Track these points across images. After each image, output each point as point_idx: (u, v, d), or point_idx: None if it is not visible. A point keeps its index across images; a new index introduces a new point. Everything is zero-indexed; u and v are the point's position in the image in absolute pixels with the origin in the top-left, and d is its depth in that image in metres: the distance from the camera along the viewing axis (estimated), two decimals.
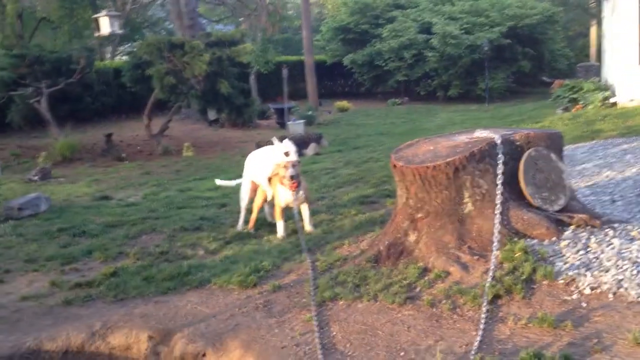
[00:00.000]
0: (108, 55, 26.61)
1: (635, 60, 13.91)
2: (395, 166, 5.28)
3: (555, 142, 5.40)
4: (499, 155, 5.01)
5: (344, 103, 24.39)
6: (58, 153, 13.48)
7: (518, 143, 5.19)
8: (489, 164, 5.02)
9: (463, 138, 5.45)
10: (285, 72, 17.04)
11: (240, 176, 7.44)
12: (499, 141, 5.08)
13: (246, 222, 6.96)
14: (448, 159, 4.97)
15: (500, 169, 4.98)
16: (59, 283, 5.55)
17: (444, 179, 4.99)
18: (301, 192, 6.50)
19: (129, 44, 29.63)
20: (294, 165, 6.35)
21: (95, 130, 18.73)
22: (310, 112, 19.99)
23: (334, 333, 4.25)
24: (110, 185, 10.74)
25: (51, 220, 8.01)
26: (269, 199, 6.86)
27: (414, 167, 5.09)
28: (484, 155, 5.01)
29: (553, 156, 5.31)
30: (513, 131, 5.45)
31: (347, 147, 14.18)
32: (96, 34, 15.57)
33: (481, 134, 5.41)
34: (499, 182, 4.96)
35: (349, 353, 3.96)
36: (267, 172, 6.64)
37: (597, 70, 25.48)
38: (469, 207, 5.03)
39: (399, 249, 5.22)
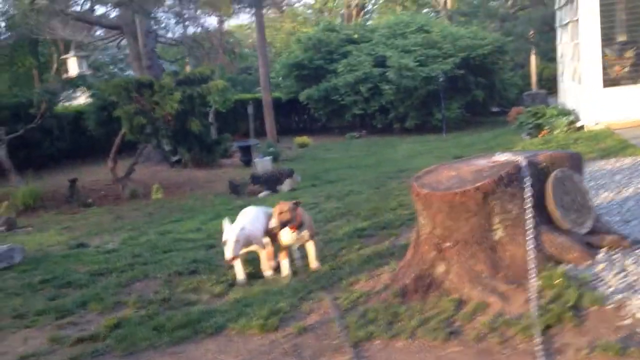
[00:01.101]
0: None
1: (600, 84, 14.16)
2: (418, 194, 5.04)
3: (577, 163, 5.28)
4: (527, 178, 4.84)
5: (303, 139, 24.20)
6: (20, 202, 12.81)
7: (543, 165, 5.03)
8: (517, 188, 4.83)
9: (484, 162, 5.26)
10: (250, 108, 16.76)
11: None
12: (524, 163, 4.91)
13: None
14: (477, 184, 4.76)
15: (529, 191, 4.80)
16: (58, 339, 5.08)
17: (473, 205, 4.78)
18: (305, 232, 6.19)
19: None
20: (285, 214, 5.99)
21: (53, 176, 18.02)
22: (272, 149, 19.69)
23: None
24: (83, 232, 10.19)
25: (29, 271, 7.48)
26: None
27: (440, 194, 4.86)
28: (511, 178, 4.83)
29: (577, 177, 5.18)
30: (533, 153, 5.31)
31: (320, 181, 13.93)
32: (64, 76, 15.03)
33: (501, 157, 5.24)
34: (528, 205, 4.78)
35: None
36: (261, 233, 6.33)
37: (543, 98, 26.06)
38: (499, 233, 4.82)
39: (427, 281, 4.96)
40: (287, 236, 6.12)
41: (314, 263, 6.29)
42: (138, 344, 4.82)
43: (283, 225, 5.95)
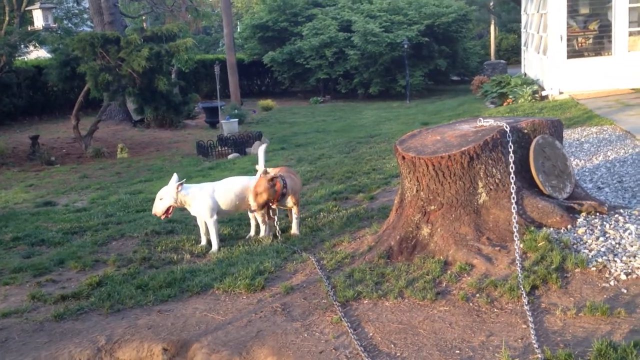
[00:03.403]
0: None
1: (564, 55, 14.39)
2: (404, 157, 5.08)
3: (557, 130, 5.38)
4: (511, 143, 4.92)
5: (268, 102, 24.04)
6: None
7: (525, 131, 5.12)
8: (501, 153, 4.92)
9: (468, 127, 5.33)
10: (217, 69, 16.52)
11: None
12: (508, 129, 4.98)
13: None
14: (463, 148, 4.83)
15: (512, 157, 4.89)
16: (40, 296, 5.01)
17: (459, 168, 4.85)
18: (288, 199, 6.12)
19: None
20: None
21: (9, 133, 17.57)
22: (237, 111, 19.53)
23: (371, 334, 4.00)
24: (50, 191, 10.01)
25: None
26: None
27: (426, 158, 4.91)
28: (496, 143, 4.90)
29: (557, 143, 5.29)
30: (514, 119, 5.40)
31: (289, 144, 13.90)
32: (30, 28, 14.50)
33: (485, 122, 5.31)
34: (511, 170, 4.87)
35: (398, 354, 3.72)
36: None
37: (503, 68, 26.39)
38: (483, 197, 4.91)
39: (412, 243, 5.04)
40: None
41: (294, 229, 6.28)
42: (124, 302, 4.79)
43: (262, 206, 5.92)
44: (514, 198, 4.81)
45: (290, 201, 6.13)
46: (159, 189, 9.09)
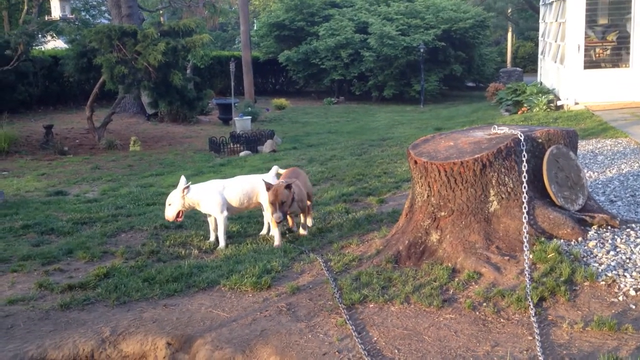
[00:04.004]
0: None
1: (581, 65, 14.30)
2: (416, 162, 5.06)
3: (572, 140, 5.34)
4: (524, 152, 4.89)
5: (281, 100, 24.04)
6: None
7: (540, 140, 5.09)
8: (514, 161, 4.89)
9: (482, 134, 5.30)
10: (232, 65, 16.54)
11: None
12: (522, 137, 4.95)
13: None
14: (476, 155, 4.80)
15: (526, 166, 4.86)
16: (47, 285, 5.04)
17: (471, 175, 4.82)
18: (295, 205, 5.90)
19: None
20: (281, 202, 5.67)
21: (24, 122, 17.66)
22: (251, 109, 19.54)
23: (375, 338, 3.99)
24: (61, 180, 10.06)
25: (10, 216, 7.38)
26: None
27: (439, 163, 4.89)
28: (509, 152, 4.88)
29: (572, 154, 5.25)
30: (529, 128, 5.36)
31: (301, 144, 13.90)
32: (47, 18, 14.57)
33: (500, 130, 5.28)
34: (524, 179, 4.84)
35: None
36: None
37: (519, 76, 26.29)
38: (494, 205, 4.88)
39: (420, 248, 5.02)
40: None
41: (302, 230, 6.26)
42: (130, 295, 4.80)
43: (285, 215, 5.78)
44: (525, 208, 4.78)
45: (296, 207, 5.95)
46: (170, 183, 9.16)
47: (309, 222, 6.35)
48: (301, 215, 6.20)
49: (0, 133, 12.82)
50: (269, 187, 5.69)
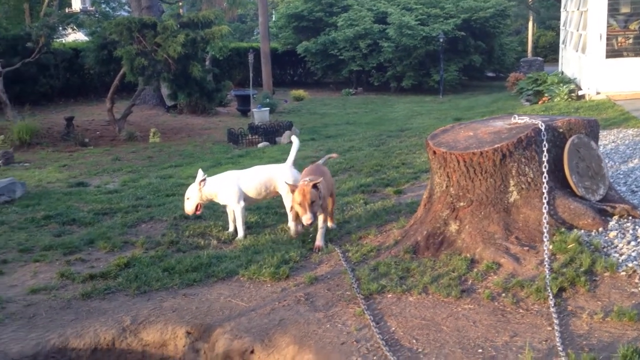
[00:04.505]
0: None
1: (603, 54, 14.12)
2: (435, 152, 5.04)
3: (594, 130, 5.29)
4: (544, 142, 4.85)
5: (300, 92, 24.04)
6: (16, 137, 12.68)
7: (560, 130, 5.04)
8: (535, 151, 4.85)
9: (501, 124, 5.27)
10: (251, 57, 16.56)
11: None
12: (543, 127, 4.91)
13: None
14: (496, 145, 4.77)
15: (546, 156, 4.82)
16: (68, 275, 5.11)
17: (491, 166, 4.79)
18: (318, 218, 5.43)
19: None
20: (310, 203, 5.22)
21: (45, 113, 17.83)
22: (269, 100, 19.56)
23: (393, 328, 3.99)
24: (82, 171, 10.16)
25: (32, 207, 7.46)
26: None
27: (458, 154, 4.87)
28: (530, 141, 4.84)
29: (593, 144, 5.20)
30: (550, 118, 5.31)
31: (319, 135, 13.89)
32: (68, 10, 14.71)
33: (520, 119, 5.24)
34: (545, 169, 4.80)
35: (419, 350, 3.70)
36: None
37: (539, 65, 25.98)
38: (514, 195, 4.85)
39: (439, 239, 5.00)
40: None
41: (318, 241, 5.50)
42: (150, 284, 4.85)
43: (316, 215, 5.28)
44: (545, 198, 4.75)
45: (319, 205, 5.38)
46: (189, 174, 9.22)
47: (330, 224, 5.86)
48: (320, 217, 5.49)
49: (22, 125, 12.97)
50: (293, 189, 5.32)
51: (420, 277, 4.58)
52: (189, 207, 5.96)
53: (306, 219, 5.17)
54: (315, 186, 5.24)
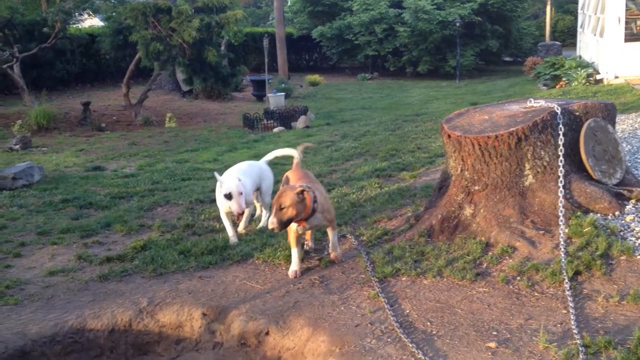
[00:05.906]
0: None
1: (621, 38, 13.97)
2: (450, 136, 5.02)
3: (611, 113, 5.24)
4: (561, 126, 4.81)
5: (315, 77, 23.99)
6: (34, 121, 12.78)
7: (577, 113, 5.00)
8: (551, 135, 4.82)
9: (517, 107, 5.23)
10: (266, 42, 16.54)
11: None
12: (559, 110, 4.87)
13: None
14: (511, 129, 4.74)
15: (562, 139, 4.79)
16: (86, 257, 5.17)
17: (506, 149, 4.77)
18: (318, 216, 4.61)
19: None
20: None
21: (62, 99, 17.94)
22: (284, 85, 19.55)
23: (407, 311, 4.00)
24: (99, 156, 10.24)
25: (49, 190, 7.54)
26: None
27: (473, 137, 4.85)
28: (546, 125, 4.80)
29: (610, 128, 5.15)
30: (566, 101, 5.27)
31: (334, 120, 13.88)
32: None
33: (536, 103, 5.20)
34: (561, 153, 4.77)
35: (433, 332, 3.71)
36: None
37: (557, 49, 25.70)
38: (529, 179, 4.83)
39: (454, 222, 5.00)
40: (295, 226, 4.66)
41: (332, 252, 4.91)
42: (167, 267, 4.90)
43: (285, 224, 4.39)
44: (561, 182, 4.72)
45: (320, 219, 4.66)
46: (205, 159, 9.25)
47: (308, 242, 5.17)
48: (328, 231, 4.86)
49: (39, 110, 13.07)
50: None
51: (435, 261, 4.58)
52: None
53: (270, 222, 4.35)
54: (301, 193, 4.42)
